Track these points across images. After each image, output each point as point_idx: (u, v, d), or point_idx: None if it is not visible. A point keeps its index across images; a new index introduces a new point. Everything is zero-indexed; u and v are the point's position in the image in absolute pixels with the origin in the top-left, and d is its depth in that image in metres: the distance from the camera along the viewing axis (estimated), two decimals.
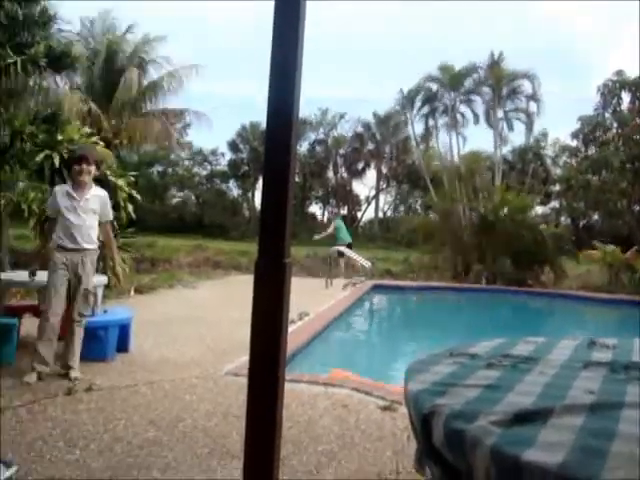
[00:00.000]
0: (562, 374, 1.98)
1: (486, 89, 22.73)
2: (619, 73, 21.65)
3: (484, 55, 22.70)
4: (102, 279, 5.97)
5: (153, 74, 17.99)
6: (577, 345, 2.61)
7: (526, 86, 22.92)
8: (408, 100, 23.56)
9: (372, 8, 60.25)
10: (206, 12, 54.68)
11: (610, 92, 21.59)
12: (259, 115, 35.58)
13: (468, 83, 22.75)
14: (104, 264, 6.63)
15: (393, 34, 57.25)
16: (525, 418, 1.46)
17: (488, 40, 32.39)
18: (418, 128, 24.78)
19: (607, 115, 22.11)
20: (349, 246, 16.07)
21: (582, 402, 1.60)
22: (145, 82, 17.56)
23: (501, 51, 22.50)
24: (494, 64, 22.21)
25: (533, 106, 23.23)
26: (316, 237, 15.72)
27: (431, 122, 23.79)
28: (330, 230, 16.42)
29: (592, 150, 22.75)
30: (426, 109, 23.57)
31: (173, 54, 17.79)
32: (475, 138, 31.24)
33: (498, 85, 22.07)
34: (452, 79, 22.10)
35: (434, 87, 23.09)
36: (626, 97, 21.60)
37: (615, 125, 21.93)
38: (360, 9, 63.49)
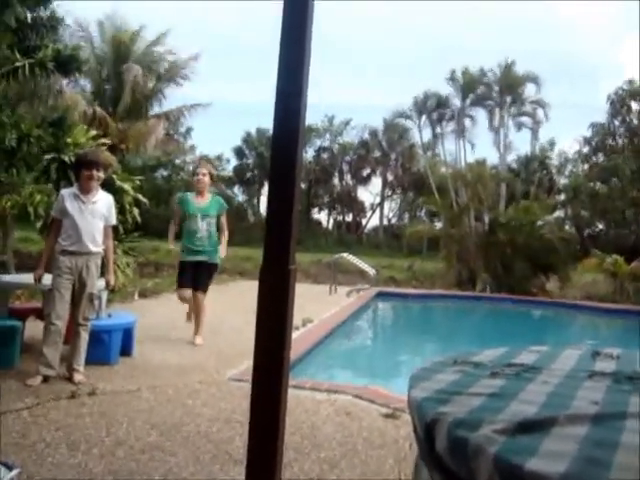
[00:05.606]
0: (566, 384, 1.97)
1: (494, 95, 22.73)
2: (630, 82, 21.57)
3: (492, 62, 22.77)
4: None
5: (160, 69, 18.04)
6: (581, 355, 2.60)
7: (533, 93, 22.95)
8: (418, 106, 23.60)
9: (379, 13, 60.38)
10: (213, 14, 55.02)
11: (620, 101, 21.54)
12: (265, 121, 35.72)
13: (479, 89, 22.78)
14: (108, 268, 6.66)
15: (402, 39, 57.45)
16: (528, 427, 1.46)
17: (497, 47, 32.50)
18: (425, 135, 24.83)
19: (616, 123, 22.05)
20: None
21: (586, 412, 1.60)
22: (150, 85, 17.63)
23: (512, 58, 22.53)
24: (503, 70, 22.21)
25: (539, 114, 23.29)
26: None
27: (438, 129, 23.85)
28: None
29: (601, 158, 22.66)
30: (435, 115, 23.61)
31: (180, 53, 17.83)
32: (481, 146, 31.27)
33: (506, 92, 22.06)
34: (466, 85, 22.14)
35: (445, 93, 23.14)
36: (635, 106, 21.58)
37: (626, 134, 21.85)
38: (368, 14, 63.57)
